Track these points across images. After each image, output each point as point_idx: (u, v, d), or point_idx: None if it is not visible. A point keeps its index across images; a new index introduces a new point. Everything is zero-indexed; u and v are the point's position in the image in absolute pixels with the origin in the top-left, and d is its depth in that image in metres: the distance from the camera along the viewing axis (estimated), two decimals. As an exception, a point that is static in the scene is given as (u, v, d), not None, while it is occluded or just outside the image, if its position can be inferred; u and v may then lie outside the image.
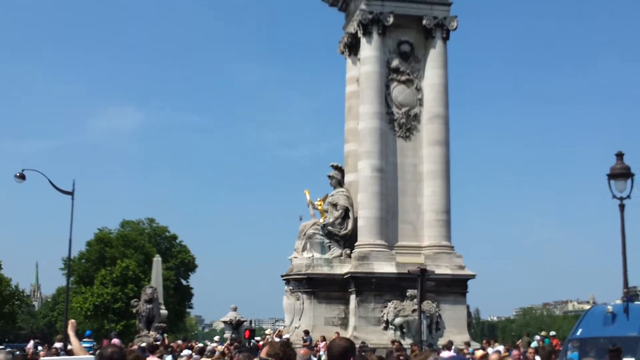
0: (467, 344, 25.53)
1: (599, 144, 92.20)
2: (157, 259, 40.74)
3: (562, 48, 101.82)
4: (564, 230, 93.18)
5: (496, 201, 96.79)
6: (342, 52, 32.21)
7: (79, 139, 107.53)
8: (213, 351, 21.57)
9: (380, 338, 26.47)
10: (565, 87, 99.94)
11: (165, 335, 31.95)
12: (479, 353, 16.28)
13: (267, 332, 37.05)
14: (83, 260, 64.84)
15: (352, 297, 27.74)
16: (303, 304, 28.26)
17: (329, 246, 29.21)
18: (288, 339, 24.38)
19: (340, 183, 30.01)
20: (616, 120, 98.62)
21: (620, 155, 23.04)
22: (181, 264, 69.28)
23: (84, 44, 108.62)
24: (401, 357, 16.99)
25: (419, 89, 29.75)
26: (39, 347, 25.31)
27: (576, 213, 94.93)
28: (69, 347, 16.40)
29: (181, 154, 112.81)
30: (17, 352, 20.96)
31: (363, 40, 29.47)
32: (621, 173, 22.47)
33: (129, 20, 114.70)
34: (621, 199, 22.68)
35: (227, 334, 34.02)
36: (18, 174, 35.68)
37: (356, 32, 29.98)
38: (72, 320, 10.28)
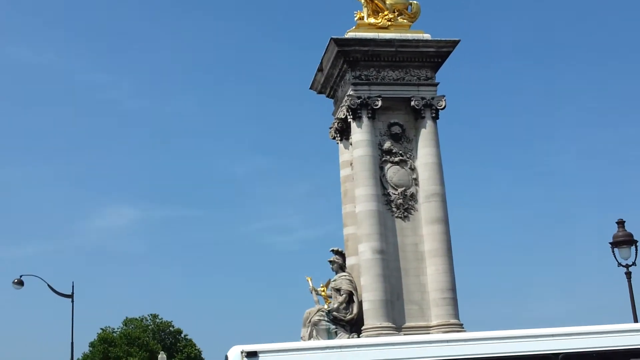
0: None
1: (599, 212, 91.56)
2: (161, 356, 40.24)
3: (555, 118, 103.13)
4: (570, 302, 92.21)
5: (501, 276, 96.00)
6: (334, 138, 32.50)
7: (76, 241, 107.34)
8: None
9: None
10: (562, 155, 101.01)
11: None
12: None
13: None
14: (87, 363, 63.94)
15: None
16: (314, 394, 27.53)
17: (336, 332, 28.68)
18: None
19: (342, 267, 29.74)
20: (616, 187, 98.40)
21: (621, 223, 23.09)
22: (187, 358, 68.15)
23: (73, 146, 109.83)
24: None
25: (413, 169, 29.86)
26: None
27: (580, 283, 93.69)
28: None
29: (180, 247, 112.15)
30: None
31: (353, 125, 29.77)
32: (624, 240, 22.49)
33: (115, 120, 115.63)
34: (627, 266, 22.61)
35: None
36: (16, 280, 35.38)
37: (346, 117, 30.31)
38: None
